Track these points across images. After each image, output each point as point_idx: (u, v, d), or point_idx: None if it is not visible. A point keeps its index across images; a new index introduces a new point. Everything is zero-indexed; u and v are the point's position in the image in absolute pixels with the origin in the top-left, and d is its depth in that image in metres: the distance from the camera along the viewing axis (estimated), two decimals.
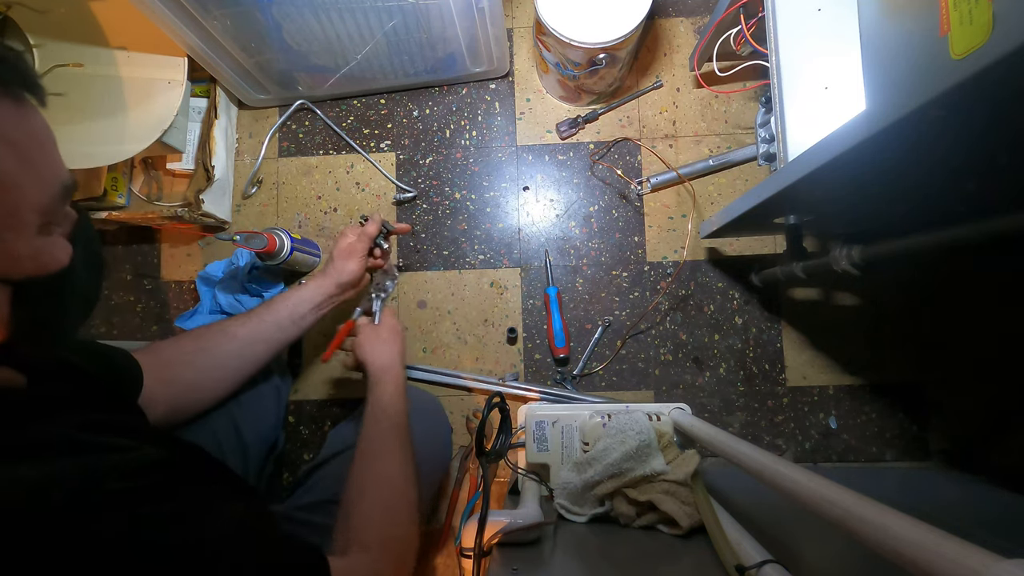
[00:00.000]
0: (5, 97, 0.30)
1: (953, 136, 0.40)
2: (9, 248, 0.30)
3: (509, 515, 0.60)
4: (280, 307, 0.71)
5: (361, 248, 0.76)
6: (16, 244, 0.31)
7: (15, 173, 0.30)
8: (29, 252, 0.32)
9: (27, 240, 0.31)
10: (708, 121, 1.03)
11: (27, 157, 0.31)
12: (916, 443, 0.95)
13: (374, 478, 0.57)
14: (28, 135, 0.31)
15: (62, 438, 0.35)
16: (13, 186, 0.30)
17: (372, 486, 0.56)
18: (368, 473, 0.58)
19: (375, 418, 0.64)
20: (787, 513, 0.61)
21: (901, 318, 0.96)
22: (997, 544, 0.27)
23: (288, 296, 0.73)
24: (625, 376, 0.98)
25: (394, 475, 0.58)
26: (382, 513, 0.54)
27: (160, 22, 0.82)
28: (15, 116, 0.30)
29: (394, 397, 0.67)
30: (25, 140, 0.31)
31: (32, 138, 0.31)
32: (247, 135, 1.08)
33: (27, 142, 0.31)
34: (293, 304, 0.72)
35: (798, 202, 0.68)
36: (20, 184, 0.30)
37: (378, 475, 0.57)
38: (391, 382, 0.69)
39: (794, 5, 0.69)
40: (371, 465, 0.58)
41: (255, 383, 0.76)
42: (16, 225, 0.30)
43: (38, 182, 0.31)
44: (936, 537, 0.27)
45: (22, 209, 0.31)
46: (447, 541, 0.91)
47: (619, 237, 1.01)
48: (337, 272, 0.75)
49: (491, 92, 1.06)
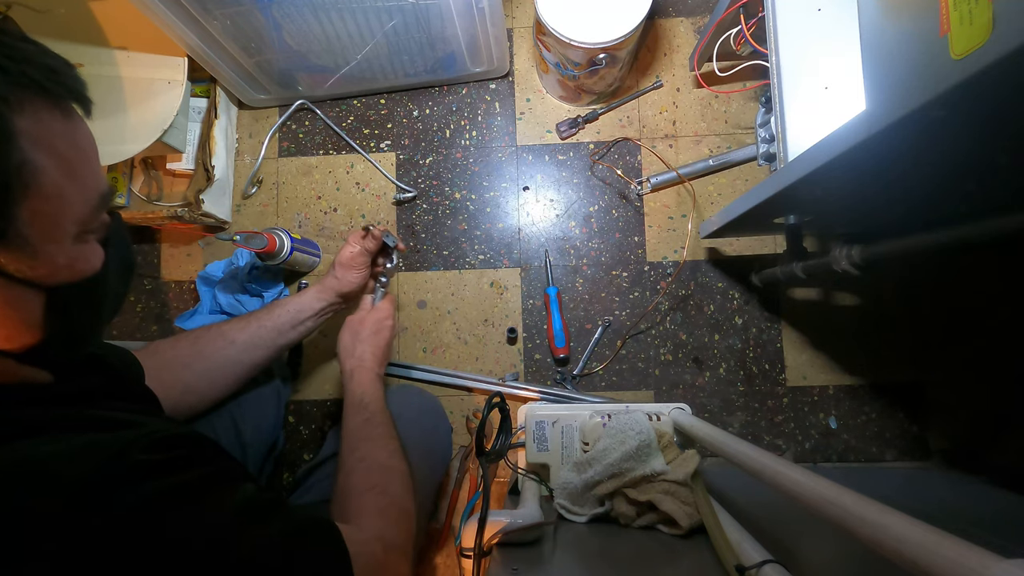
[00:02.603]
0: (55, 109, 0.30)
1: (953, 136, 0.40)
2: (48, 258, 0.31)
3: (509, 515, 0.60)
4: (281, 312, 0.71)
5: (363, 261, 0.76)
6: (55, 254, 0.31)
7: (61, 186, 0.30)
8: (66, 261, 0.32)
9: (65, 249, 0.32)
10: (708, 121, 1.03)
11: (72, 170, 0.31)
12: (916, 443, 0.95)
13: (359, 459, 0.59)
14: (75, 147, 0.31)
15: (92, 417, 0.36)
16: (58, 198, 0.30)
17: (358, 468, 0.58)
18: (352, 457, 0.59)
19: (351, 412, 0.65)
20: (787, 513, 0.61)
21: (901, 318, 0.96)
22: (997, 544, 0.27)
23: (289, 302, 0.73)
24: (625, 376, 0.98)
25: (379, 456, 0.60)
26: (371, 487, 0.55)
27: (160, 22, 0.82)
28: (64, 128, 0.31)
29: (365, 393, 0.67)
30: (72, 153, 0.31)
31: (78, 151, 0.32)
32: (247, 135, 1.08)
33: (74, 155, 0.31)
34: (295, 310, 0.72)
35: (798, 202, 0.68)
36: (64, 196, 0.31)
37: (361, 459, 0.59)
38: (361, 379, 0.69)
39: (794, 5, 0.69)
40: (354, 451, 0.60)
41: (256, 383, 0.76)
42: (57, 236, 0.31)
43: (81, 194, 0.32)
44: (936, 537, 0.27)
45: (64, 221, 0.31)
46: (447, 541, 0.91)
47: (619, 237, 1.01)
48: (338, 282, 0.75)
49: (491, 92, 1.06)
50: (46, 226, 0.30)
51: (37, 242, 0.30)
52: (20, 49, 0.29)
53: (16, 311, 0.31)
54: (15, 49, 0.29)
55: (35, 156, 0.29)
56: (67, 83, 0.31)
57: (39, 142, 0.29)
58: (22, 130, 0.28)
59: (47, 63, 0.30)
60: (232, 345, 0.67)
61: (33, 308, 0.32)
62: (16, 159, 0.28)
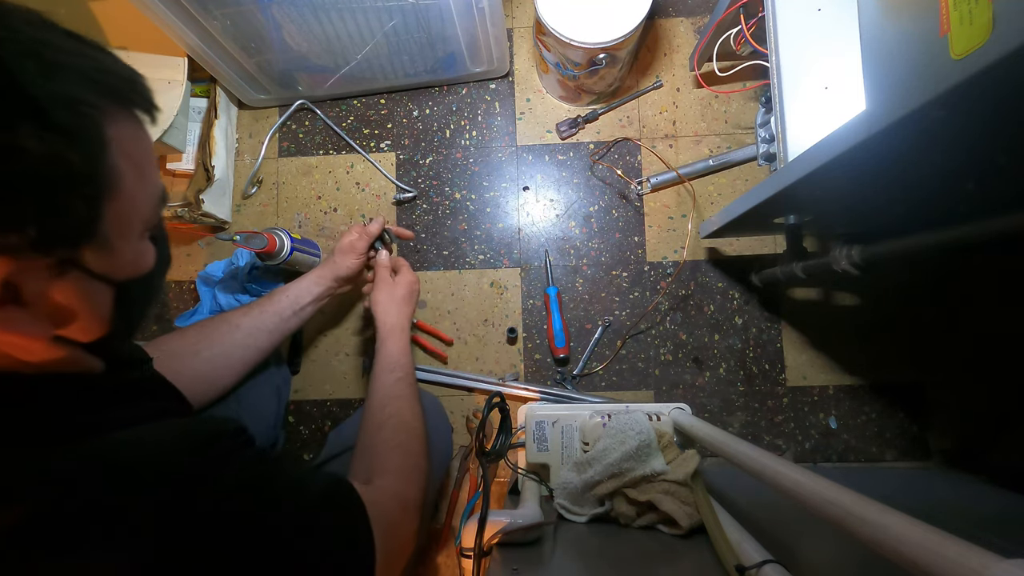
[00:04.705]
0: (132, 117, 0.33)
1: (953, 136, 0.40)
2: (119, 254, 0.33)
3: (509, 515, 0.60)
4: (281, 298, 0.75)
5: (361, 246, 0.80)
6: (124, 250, 0.34)
7: (134, 188, 0.33)
8: (132, 257, 0.35)
9: (132, 246, 0.35)
10: (708, 121, 1.03)
11: (142, 173, 0.33)
12: (916, 443, 0.95)
13: (388, 418, 0.63)
14: (145, 152, 0.34)
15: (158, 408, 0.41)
16: (131, 199, 0.33)
17: (388, 424, 0.62)
18: (382, 414, 0.63)
19: (386, 370, 0.69)
20: (787, 513, 0.61)
21: (901, 318, 0.96)
22: (997, 544, 0.27)
23: (289, 288, 0.76)
24: (625, 376, 0.98)
25: (406, 415, 0.64)
26: (398, 445, 0.59)
27: (160, 22, 0.82)
28: (136, 134, 0.33)
29: (401, 353, 0.72)
30: (142, 157, 0.34)
31: (147, 155, 0.34)
32: (247, 135, 1.08)
33: (144, 159, 0.34)
34: (295, 295, 0.75)
35: (798, 202, 0.68)
36: (136, 197, 0.33)
37: (392, 415, 0.63)
38: (398, 340, 0.74)
39: (794, 5, 0.69)
40: (385, 407, 0.64)
41: (256, 382, 0.76)
42: (127, 233, 0.34)
43: (147, 195, 0.35)
44: (936, 537, 0.27)
45: (135, 220, 0.34)
46: (447, 541, 0.91)
47: (619, 237, 1.01)
48: (336, 266, 0.79)
49: (491, 92, 1.06)
50: (122, 225, 0.33)
51: (114, 240, 0.32)
52: (103, 60, 0.31)
53: (93, 305, 0.34)
54: (100, 61, 0.31)
55: (118, 161, 0.31)
56: (142, 92, 0.33)
57: (120, 148, 0.31)
58: (110, 137, 0.31)
59: (126, 74, 0.33)
60: (237, 330, 0.69)
61: (105, 302, 0.35)
62: (107, 164, 0.30)
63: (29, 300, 0.30)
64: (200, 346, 0.66)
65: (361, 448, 0.61)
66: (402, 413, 0.64)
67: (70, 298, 0.32)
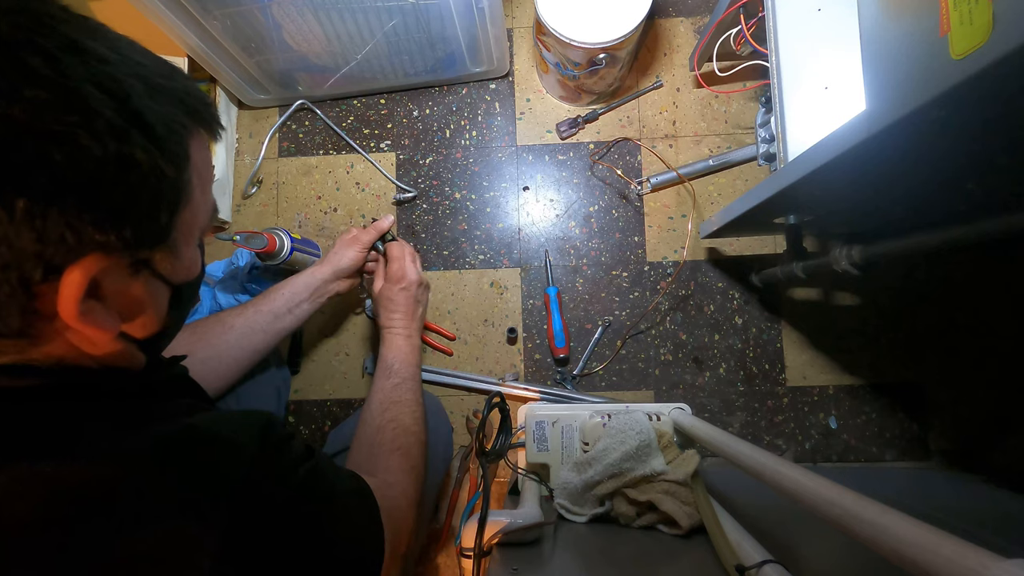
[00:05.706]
0: (203, 135, 0.36)
1: (953, 136, 0.40)
2: (181, 258, 0.37)
3: (509, 515, 0.60)
4: (276, 296, 0.74)
5: (365, 239, 0.79)
6: (186, 255, 0.37)
7: (199, 199, 0.36)
8: (188, 263, 0.38)
9: (191, 252, 0.38)
10: (708, 121, 1.03)
11: (205, 186, 0.37)
12: (916, 443, 0.95)
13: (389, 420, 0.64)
14: (209, 167, 0.38)
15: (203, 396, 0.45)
16: (196, 210, 0.36)
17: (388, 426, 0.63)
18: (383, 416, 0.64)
19: (383, 374, 0.70)
20: (787, 513, 0.61)
21: (901, 318, 0.96)
22: (997, 544, 0.27)
23: (284, 286, 0.75)
24: (625, 376, 0.98)
25: (405, 419, 0.65)
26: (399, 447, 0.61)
27: (160, 22, 0.82)
28: (205, 152, 0.37)
29: (400, 353, 0.72)
30: (206, 172, 0.37)
31: (210, 170, 0.38)
32: (247, 135, 1.08)
33: (207, 173, 0.37)
34: (289, 294, 0.74)
35: (798, 202, 0.68)
36: (199, 208, 0.37)
37: (392, 419, 0.64)
38: (398, 338, 0.73)
39: (794, 5, 0.69)
40: (385, 411, 0.64)
41: (256, 383, 0.76)
42: (191, 240, 0.37)
43: (207, 206, 0.38)
44: (936, 537, 0.27)
45: (195, 229, 0.37)
46: (447, 541, 0.91)
47: (619, 237, 1.01)
48: (336, 258, 0.78)
49: (491, 92, 1.06)
50: (187, 233, 0.36)
51: (180, 246, 0.36)
52: (187, 84, 0.35)
53: (155, 304, 0.37)
54: (186, 85, 0.35)
55: (191, 175, 0.35)
56: (213, 113, 0.37)
57: (194, 163, 0.35)
58: (191, 154, 0.34)
59: (203, 97, 0.36)
60: (231, 331, 0.69)
61: (164, 302, 0.38)
62: (186, 177, 0.34)
63: (107, 295, 0.32)
64: (194, 347, 0.65)
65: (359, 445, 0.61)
66: (401, 418, 0.64)
67: (140, 295, 0.35)
